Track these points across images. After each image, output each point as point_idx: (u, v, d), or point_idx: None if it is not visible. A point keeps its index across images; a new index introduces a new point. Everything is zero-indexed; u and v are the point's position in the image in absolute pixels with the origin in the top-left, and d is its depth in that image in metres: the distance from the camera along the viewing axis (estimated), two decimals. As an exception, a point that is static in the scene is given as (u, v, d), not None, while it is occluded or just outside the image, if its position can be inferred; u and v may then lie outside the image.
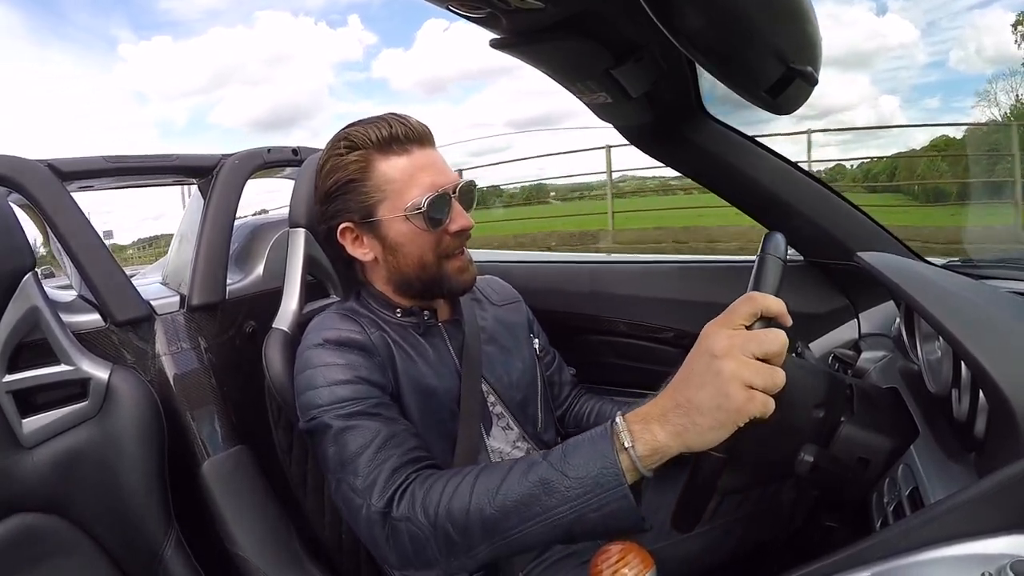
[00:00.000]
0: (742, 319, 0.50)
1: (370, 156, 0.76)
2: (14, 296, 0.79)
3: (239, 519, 0.94)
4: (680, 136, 0.94)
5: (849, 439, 0.62)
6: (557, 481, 0.54)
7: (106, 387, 0.85)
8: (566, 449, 0.56)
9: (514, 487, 0.56)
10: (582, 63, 0.72)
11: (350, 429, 0.68)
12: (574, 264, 1.47)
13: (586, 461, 0.53)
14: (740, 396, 0.47)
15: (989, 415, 0.52)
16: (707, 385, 0.49)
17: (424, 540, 0.59)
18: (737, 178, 0.97)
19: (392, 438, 0.68)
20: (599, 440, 0.54)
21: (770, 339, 0.49)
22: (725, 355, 0.48)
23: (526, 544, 0.56)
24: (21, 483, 0.79)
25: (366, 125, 0.77)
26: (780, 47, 0.54)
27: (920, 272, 0.73)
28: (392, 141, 0.75)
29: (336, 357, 0.74)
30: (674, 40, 0.51)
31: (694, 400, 0.49)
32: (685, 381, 0.51)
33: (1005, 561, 0.39)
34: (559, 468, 0.54)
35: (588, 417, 1.00)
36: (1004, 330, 0.54)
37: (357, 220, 0.78)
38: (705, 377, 0.49)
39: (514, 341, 0.93)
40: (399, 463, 0.65)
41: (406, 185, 0.75)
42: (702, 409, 0.49)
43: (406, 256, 0.78)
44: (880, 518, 0.58)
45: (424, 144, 0.78)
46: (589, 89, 0.78)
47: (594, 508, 0.52)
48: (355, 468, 0.66)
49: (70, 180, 0.99)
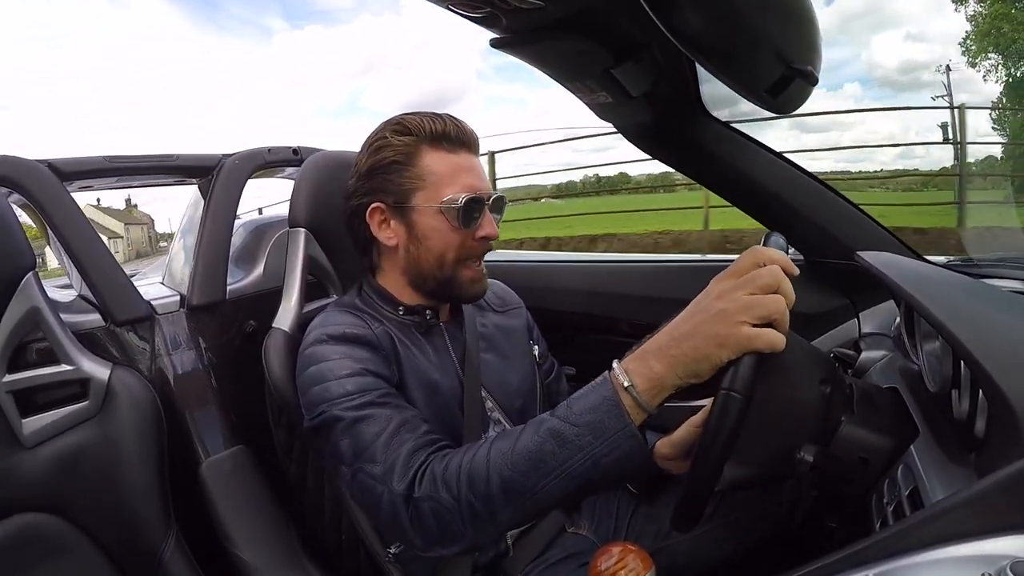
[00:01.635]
0: (744, 271, 0.51)
1: (419, 144, 0.77)
2: (14, 296, 0.79)
3: (238, 519, 0.94)
4: (680, 136, 0.94)
5: (849, 439, 0.62)
6: (567, 432, 0.55)
7: (106, 387, 0.86)
8: (571, 401, 0.57)
9: (527, 446, 0.57)
10: (582, 62, 0.72)
11: (362, 419, 0.68)
12: (574, 264, 1.47)
13: (591, 407, 0.55)
14: (742, 330, 0.49)
15: (989, 415, 0.52)
16: (705, 318, 0.51)
17: (449, 516, 0.60)
18: (737, 178, 0.97)
19: (405, 424, 0.68)
20: (600, 386, 0.56)
21: (764, 274, 0.50)
22: (722, 295, 0.50)
23: (547, 502, 0.57)
24: (21, 483, 0.79)
25: (422, 117, 0.79)
26: (780, 47, 0.54)
27: (920, 271, 0.73)
28: (443, 137, 0.78)
29: (341, 352, 0.74)
30: (674, 40, 0.51)
31: (691, 331, 0.51)
32: (683, 320, 0.53)
33: (1005, 562, 0.39)
34: (567, 419, 0.56)
35: None
36: (1004, 330, 0.54)
37: (390, 203, 0.79)
38: (703, 313, 0.51)
39: (514, 348, 0.93)
40: (416, 446, 0.65)
41: (447, 180, 0.77)
42: (700, 333, 0.50)
43: (429, 250, 0.79)
44: (880, 518, 0.58)
45: (471, 150, 0.80)
46: (589, 88, 0.78)
47: (605, 452, 0.54)
48: (372, 455, 0.66)
49: (70, 180, 0.99)
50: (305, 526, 0.94)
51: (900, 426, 0.63)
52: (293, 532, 0.96)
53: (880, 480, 0.61)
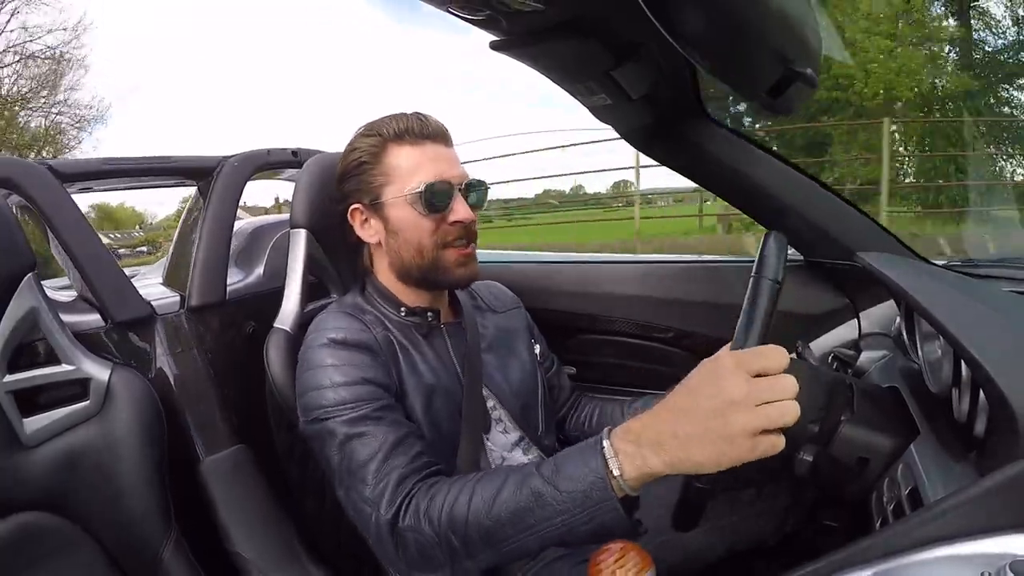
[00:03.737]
0: (759, 366, 0.49)
1: (385, 143, 0.81)
2: (14, 296, 0.79)
3: (239, 519, 0.94)
4: (680, 137, 0.94)
5: (849, 439, 0.62)
6: (549, 495, 0.56)
7: (106, 387, 0.86)
8: (558, 462, 0.58)
9: (509, 500, 0.58)
10: (582, 65, 0.72)
11: (356, 437, 0.69)
12: (573, 264, 1.47)
13: (576, 476, 0.55)
14: (746, 444, 0.48)
15: (989, 415, 0.52)
16: (713, 425, 0.48)
17: (431, 549, 0.62)
18: (737, 179, 0.97)
19: (398, 445, 0.69)
20: (589, 456, 0.55)
21: (787, 386, 0.48)
22: (737, 405, 0.48)
23: (523, 551, 0.60)
24: (22, 482, 0.79)
25: (388, 118, 0.82)
26: (780, 49, 0.54)
27: (920, 272, 0.73)
28: (407, 133, 0.80)
29: (340, 357, 0.74)
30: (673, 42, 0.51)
31: (695, 435, 0.49)
32: (687, 413, 0.50)
33: (1005, 561, 0.39)
34: (551, 482, 0.56)
35: (588, 421, 1.01)
36: (1004, 330, 0.54)
37: (366, 202, 0.82)
38: (711, 418, 0.49)
39: (514, 348, 0.94)
40: (405, 473, 0.67)
41: (411, 172, 0.79)
42: (703, 445, 0.49)
43: (406, 240, 0.81)
44: (880, 517, 0.58)
45: (438, 141, 0.82)
46: (589, 91, 0.78)
47: (584, 521, 0.55)
48: (364, 477, 0.68)
49: (69, 182, 0.99)
50: (305, 526, 0.94)
51: (900, 426, 0.64)
52: (293, 532, 0.96)
53: (880, 480, 0.61)
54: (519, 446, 0.87)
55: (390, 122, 0.81)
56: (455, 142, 0.85)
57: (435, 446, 0.77)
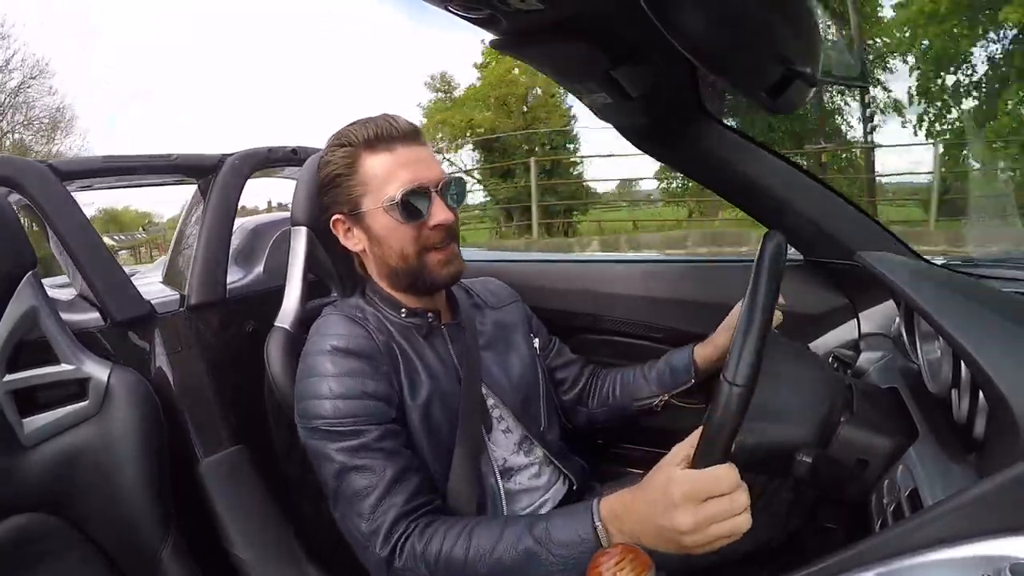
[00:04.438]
0: (707, 492, 0.55)
1: (357, 152, 0.80)
2: (14, 296, 0.79)
3: (237, 519, 0.94)
4: (680, 136, 0.94)
5: (848, 440, 0.62)
6: (543, 555, 0.62)
7: (106, 386, 0.85)
8: (552, 526, 0.63)
9: (504, 556, 0.64)
10: (582, 64, 0.72)
11: (354, 469, 0.71)
12: (573, 263, 1.47)
13: (570, 542, 0.61)
14: (705, 549, 0.57)
15: (989, 416, 0.52)
16: (669, 539, 0.57)
17: None
18: (737, 178, 0.97)
19: (395, 483, 0.70)
20: (580, 525, 0.62)
21: (739, 503, 0.55)
22: (688, 533, 0.55)
23: None
24: (21, 483, 0.79)
25: (358, 124, 0.81)
26: (780, 48, 0.54)
27: (920, 272, 0.73)
28: (377, 139, 0.79)
29: (341, 366, 0.74)
30: (674, 41, 0.51)
31: (660, 543, 0.57)
32: (649, 522, 0.58)
33: (1005, 564, 0.39)
34: (545, 545, 0.62)
35: (611, 394, 1.00)
36: (1004, 330, 0.54)
37: (346, 212, 0.82)
38: (667, 535, 0.57)
39: (513, 343, 0.94)
40: (401, 511, 0.69)
41: (386, 180, 0.78)
42: (668, 548, 0.57)
43: (390, 247, 0.81)
44: (879, 519, 0.58)
45: (409, 142, 0.80)
46: (589, 90, 0.78)
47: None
48: (360, 511, 0.70)
49: (69, 180, 0.99)
50: (303, 527, 0.94)
51: (899, 427, 0.63)
52: (292, 532, 0.96)
53: (879, 481, 0.61)
54: (521, 448, 0.87)
55: (359, 129, 0.80)
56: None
57: (435, 451, 0.78)
